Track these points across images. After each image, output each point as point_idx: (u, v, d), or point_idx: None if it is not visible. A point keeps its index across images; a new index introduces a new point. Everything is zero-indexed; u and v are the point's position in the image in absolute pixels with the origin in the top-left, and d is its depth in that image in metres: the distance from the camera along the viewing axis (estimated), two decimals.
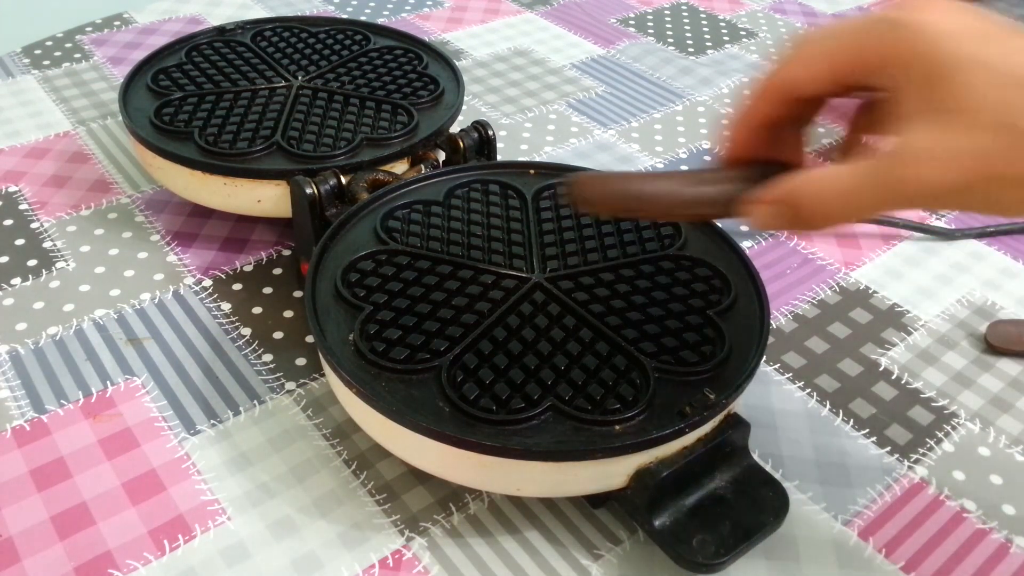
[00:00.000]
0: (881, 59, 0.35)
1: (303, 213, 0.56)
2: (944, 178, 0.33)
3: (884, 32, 0.35)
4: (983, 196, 0.34)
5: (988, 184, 0.33)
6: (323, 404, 0.53)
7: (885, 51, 0.35)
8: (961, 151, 0.33)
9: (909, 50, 0.34)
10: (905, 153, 0.34)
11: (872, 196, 0.35)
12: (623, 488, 0.44)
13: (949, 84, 0.33)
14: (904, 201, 0.35)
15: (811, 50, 0.38)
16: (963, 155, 0.33)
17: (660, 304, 0.50)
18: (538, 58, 0.92)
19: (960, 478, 0.50)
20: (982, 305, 0.63)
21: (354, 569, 0.44)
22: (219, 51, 0.72)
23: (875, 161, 0.35)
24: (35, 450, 0.49)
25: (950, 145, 0.33)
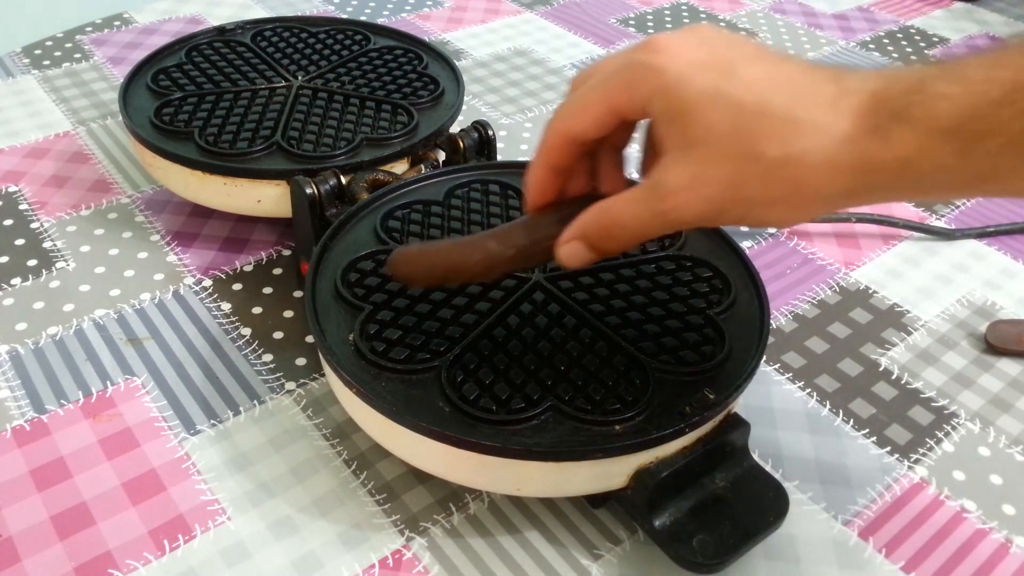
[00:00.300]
0: (641, 99, 0.37)
1: (303, 213, 0.56)
2: (697, 206, 0.36)
3: (634, 74, 0.37)
4: (740, 217, 0.37)
5: (742, 207, 0.36)
6: (323, 404, 0.53)
7: (639, 92, 0.37)
8: (709, 181, 0.35)
9: (656, 90, 0.36)
10: (661, 186, 0.37)
11: (645, 224, 0.38)
12: (623, 488, 0.44)
13: (692, 118, 0.35)
14: (672, 227, 0.38)
15: (580, 97, 0.40)
16: (711, 184, 0.35)
17: (660, 304, 0.50)
18: (538, 58, 0.92)
19: (960, 478, 0.50)
20: (982, 305, 0.63)
21: (354, 569, 0.44)
22: (219, 51, 0.72)
23: (641, 192, 0.38)
24: (35, 450, 0.49)
25: (699, 176, 0.35)
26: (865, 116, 0.33)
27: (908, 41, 1.00)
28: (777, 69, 0.35)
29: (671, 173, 0.36)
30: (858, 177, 0.33)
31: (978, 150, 0.31)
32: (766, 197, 0.35)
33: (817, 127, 0.34)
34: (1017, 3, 1.11)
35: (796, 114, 0.34)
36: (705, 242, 0.55)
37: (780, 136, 0.34)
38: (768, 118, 0.34)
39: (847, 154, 0.33)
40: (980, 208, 0.73)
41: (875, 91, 0.34)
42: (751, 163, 0.34)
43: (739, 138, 0.34)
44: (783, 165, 0.34)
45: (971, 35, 1.02)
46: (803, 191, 0.34)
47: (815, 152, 0.33)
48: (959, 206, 0.73)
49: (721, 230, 0.55)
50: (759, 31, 1.00)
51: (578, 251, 0.41)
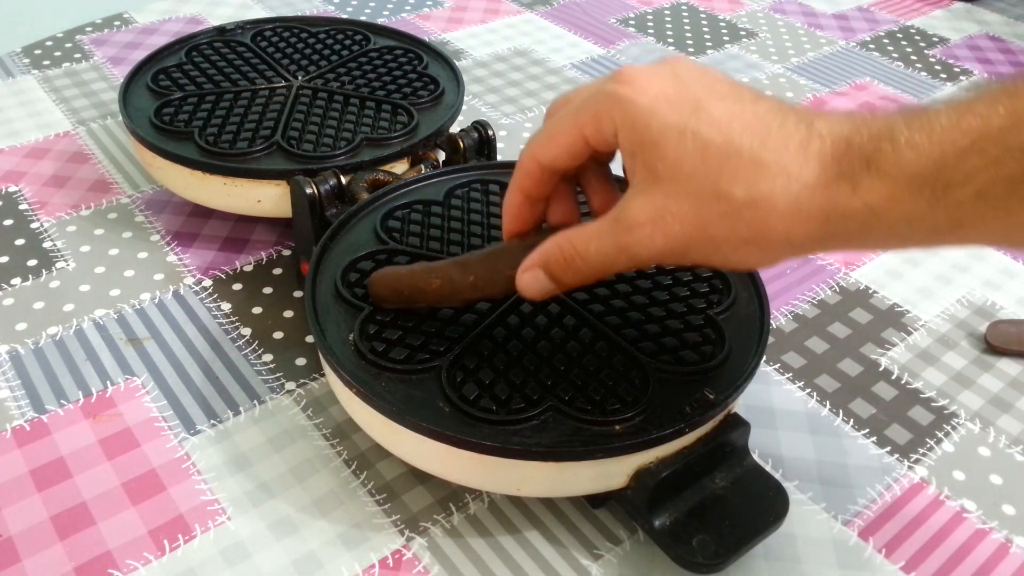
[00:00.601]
0: (608, 130, 0.37)
1: (303, 213, 0.56)
2: (660, 243, 0.35)
3: (602, 105, 0.37)
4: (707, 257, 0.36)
5: (708, 246, 0.35)
6: (323, 404, 0.53)
7: (607, 123, 0.37)
8: (674, 217, 0.35)
9: (623, 121, 0.36)
10: (624, 219, 0.36)
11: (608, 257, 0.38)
12: (623, 488, 0.43)
13: (658, 153, 0.35)
14: (635, 261, 0.37)
15: (552, 127, 0.40)
16: (676, 221, 0.35)
17: (660, 304, 0.50)
18: (538, 58, 0.92)
19: (960, 478, 0.50)
20: (982, 305, 0.63)
21: (354, 569, 0.44)
22: (219, 51, 0.72)
23: (605, 224, 0.37)
24: (35, 450, 0.49)
25: (664, 211, 0.35)
26: (833, 162, 0.33)
27: (908, 41, 1.00)
28: (747, 108, 0.35)
29: (635, 205, 0.36)
30: (825, 224, 0.33)
31: (947, 200, 0.31)
32: (732, 238, 0.34)
33: (784, 170, 0.33)
34: (1017, 3, 1.11)
35: (763, 156, 0.33)
36: None
37: (746, 177, 0.33)
38: (735, 158, 0.34)
39: (814, 200, 0.33)
40: None
41: (844, 136, 0.33)
42: (716, 203, 0.34)
43: (705, 176, 0.34)
44: (748, 207, 0.33)
45: (971, 35, 1.02)
46: (769, 235, 0.34)
47: (781, 196, 0.33)
48: None
49: None
50: (759, 31, 1.00)
51: (539, 280, 0.41)
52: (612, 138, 0.37)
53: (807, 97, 0.87)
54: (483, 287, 0.45)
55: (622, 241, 0.37)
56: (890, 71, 0.93)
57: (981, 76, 0.93)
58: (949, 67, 0.94)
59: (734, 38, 0.98)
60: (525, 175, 0.42)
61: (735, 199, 0.33)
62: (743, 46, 0.97)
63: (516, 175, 0.42)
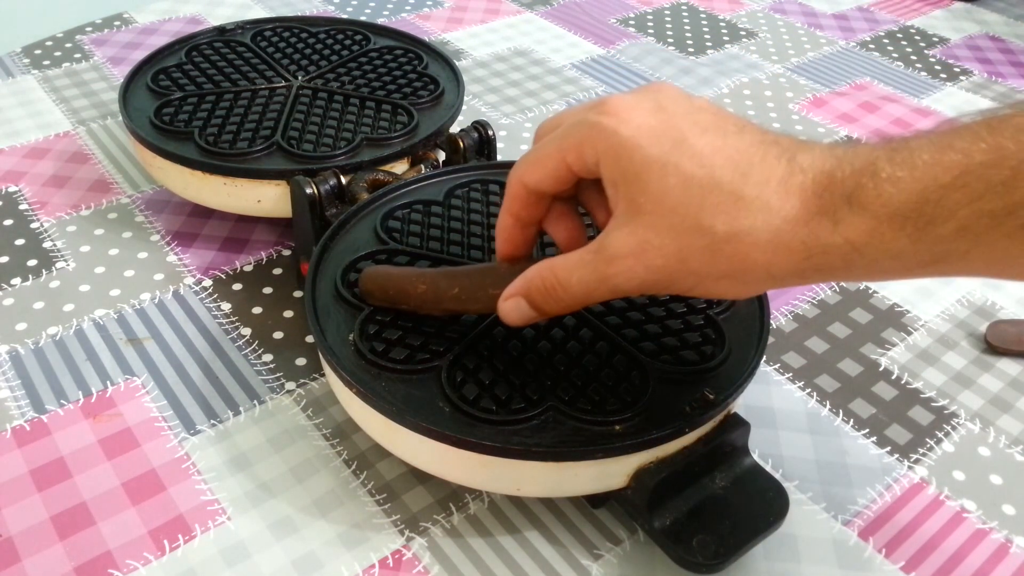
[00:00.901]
0: (591, 159, 0.37)
1: (303, 213, 0.56)
2: (642, 275, 0.36)
3: (585, 134, 0.37)
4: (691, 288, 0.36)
5: (691, 279, 0.35)
6: (323, 404, 0.53)
7: (589, 153, 0.37)
8: (656, 250, 0.35)
9: (605, 152, 0.36)
10: (606, 249, 0.36)
11: (589, 288, 0.38)
12: (623, 488, 0.43)
13: (643, 186, 0.35)
14: (616, 292, 0.37)
15: (538, 151, 0.40)
16: (658, 254, 0.35)
17: (660, 304, 0.50)
18: (538, 58, 0.92)
19: (960, 478, 0.50)
20: (982, 305, 0.63)
21: (354, 569, 0.44)
22: (219, 51, 0.72)
23: (587, 254, 0.37)
24: (35, 450, 0.49)
25: (646, 244, 0.35)
26: (814, 197, 0.33)
27: (908, 41, 1.00)
28: (729, 142, 0.35)
29: (617, 237, 0.36)
30: (807, 258, 0.33)
31: (929, 235, 0.31)
32: (714, 271, 0.35)
33: (765, 205, 0.33)
34: (1017, 3, 1.11)
35: (745, 191, 0.33)
36: None
37: (727, 211, 0.34)
38: (716, 193, 0.34)
39: (795, 235, 0.33)
40: None
41: (826, 171, 0.33)
42: (698, 236, 0.34)
43: (687, 210, 0.34)
44: (729, 241, 0.34)
45: (971, 35, 1.02)
46: (750, 268, 0.34)
47: (762, 231, 0.33)
48: None
49: None
50: (759, 31, 1.00)
51: (519, 308, 0.41)
52: (594, 167, 0.37)
53: (807, 97, 0.87)
54: (466, 300, 0.45)
55: (603, 272, 0.37)
56: (890, 71, 0.93)
57: (981, 76, 0.93)
58: (949, 67, 0.94)
59: (734, 38, 0.98)
60: (513, 198, 0.42)
61: (716, 233, 0.34)
62: (743, 46, 0.97)
63: (506, 198, 0.42)
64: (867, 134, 0.81)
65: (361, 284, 0.49)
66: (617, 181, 0.36)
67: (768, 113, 0.84)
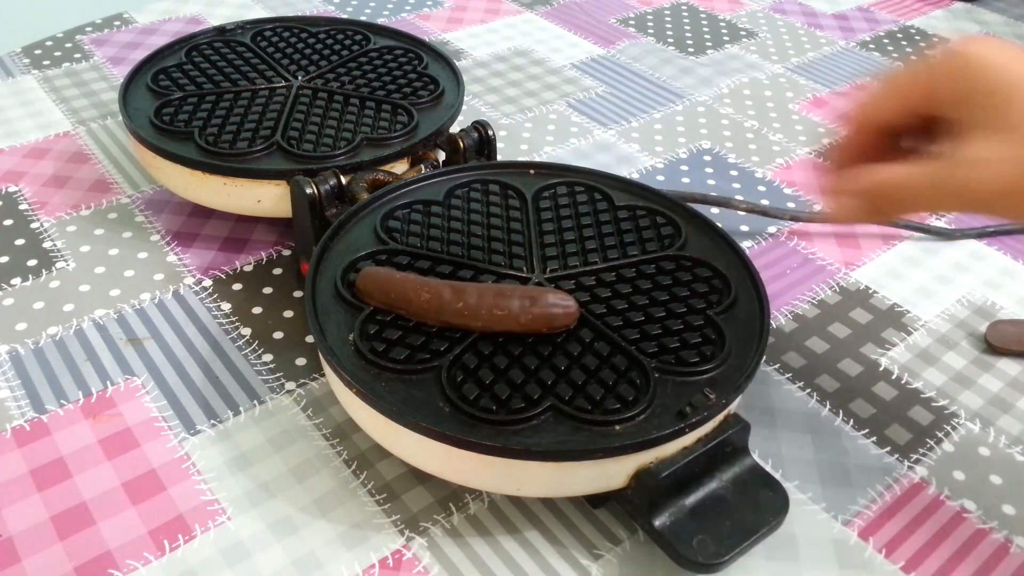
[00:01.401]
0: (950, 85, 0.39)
1: (303, 213, 0.56)
2: (996, 182, 0.37)
3: (952, 62, 0.39)
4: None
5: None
6: (323, 404, 0.53)
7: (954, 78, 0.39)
8: (1015, 160, 0.36)
9: (975, 75, 0.38)
10: (965, 159, 0.38)
11: (936, 193, 0.39)
12: (623, 488, 0.44)
13: (1008, 104, 0.36)
14: (960, 201, 0.39)
15: (893, 86, 0.42)
16: (1009, 165, 0.36)
17: (660, 304, 0.50)
18: (538, 58, 0.92)
19: (960, 478, 0.50)
20: (982, 305, 0.63)
21: (354, 569, 0.44)
22: (219, 51, 0.72)
23: (940, 163, 0.39)
24: (35, 450, 0.49)
25: (1005, 155, 0.36)
26: None
27: (908, 41, 1.00)
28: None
29: (978, 147, 0.37)
30: None
31: None
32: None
33: None
34: (1017, 3, 1.11)
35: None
36: (705, 242, 0.55)
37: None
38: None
39: None
40: None
41: None
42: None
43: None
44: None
45: (971, 35, 1.02)
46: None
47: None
48: None
49: (721, 230, 0.55)
50: (759, 31, 1.00)
51: (856, 205, 0.42)
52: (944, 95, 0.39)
53: (807, 97, 0.87)
54: (468, 316, 0.46)
55: (961, 175, 0.38)
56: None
57: None
58: None
59: (734, 38, 0.98)
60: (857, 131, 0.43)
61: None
62: (743, 46, 0.97)
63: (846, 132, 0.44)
64: None
65: (360, 283, 0.49)
66: (975, 97, 0.37)
67: (768, 113, 0.84)
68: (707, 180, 0.74)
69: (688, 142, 0.79)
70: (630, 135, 0.80)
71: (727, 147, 0.79)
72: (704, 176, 0.75)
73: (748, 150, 0.78)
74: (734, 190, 0.73)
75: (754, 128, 0.82)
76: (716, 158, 0.77)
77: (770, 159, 0.77)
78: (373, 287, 0.48)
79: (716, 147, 0.79)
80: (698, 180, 0.74)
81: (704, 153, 0.78)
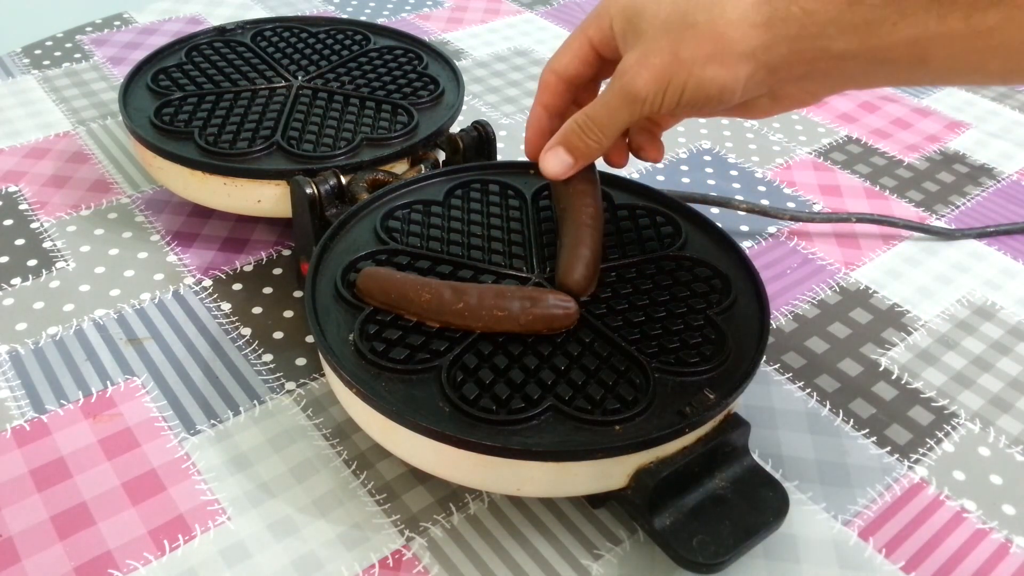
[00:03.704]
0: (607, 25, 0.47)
1: (303, 213, 0.56)
2: (645, 75, 0.43)
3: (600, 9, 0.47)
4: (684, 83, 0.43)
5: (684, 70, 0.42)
6: (323, 404, 0.53)
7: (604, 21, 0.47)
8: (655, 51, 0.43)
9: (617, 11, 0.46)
10: (623, 69, 0.45)
11: (611, 108, 0.46)
12: (623, 488, 0.43)
13: (642, 18, 0.44)
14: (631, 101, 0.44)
15: (565, 42, 0.50)
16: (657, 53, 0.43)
17: (660, 304, 0.50)
18: (538, 58, 0.92)
19: (960, 478, 0.50)
20: (982, 305, 0.63)
21: (354, 569, 0.44)
22: (219, 51, 0.72)
23: (611, 83, 0.46)
24: (35, 450, 0.49)
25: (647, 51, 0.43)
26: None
27: None
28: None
29: (626, 59, 0.44)
30: (769, 29, 0.40)
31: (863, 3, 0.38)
32: (699, 55, 0.42)
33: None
34: None
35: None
36: (705, 242, 0.55)
37: (707, 7, 0.42)
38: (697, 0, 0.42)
39: (759, 11, 0.40)
40: (980, 208, 0.73)
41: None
42: (685, 29, 0.42)
43: (677, 17, 0.42)
44: (708, 24, 0.41)
45: None
46: (727, 45, 0.41)
47: (732, 11, 0.41)
48: (959, 206, 0.73)
49: (721, 230, 0.55)
50: None
51: (558, 156, 0.49)
52: (609, 31, 0.46)
53: None
54: (468, 317, 0.46)
55: (616, 87, 0.44)
56: None
57: None
58: None
59: None
60: (543, 88, 0.50)
61: (699, 23, 0.42)
62: None
63: (537, 92, 0.51)
64: (867, 134, 0.81)
65: (360, 283, 0.49)
66: (626, 27, 0.45)
67: None
68: (707, 180, 0.74)
69: (688, 142, 0.79)
70: None
71: (727, 147, 0.79)
72: (704, 176, 0.75)
73: (748, 150, 0.78)
74: (734, 190, 0.73)
75: (754, 128, 0.82)
76: (716, 158, 0.77)
77: (770, 159, 0.77)
78: (373, 287, 0.48)
79: (716, 147, 0.79)
80: (698, 180, 0.74)
81: (704, 153, 0.78)
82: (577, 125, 0.47)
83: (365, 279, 0.49)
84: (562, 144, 0.49)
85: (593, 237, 0.50)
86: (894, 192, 0.74)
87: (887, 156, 0.79)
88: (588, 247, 0.50)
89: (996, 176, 0.77)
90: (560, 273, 0.49)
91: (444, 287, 0.47)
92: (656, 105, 0.44)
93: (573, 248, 0.50)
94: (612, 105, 0.45)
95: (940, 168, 0.78)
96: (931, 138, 0.82)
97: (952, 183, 0.76)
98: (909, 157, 0.79)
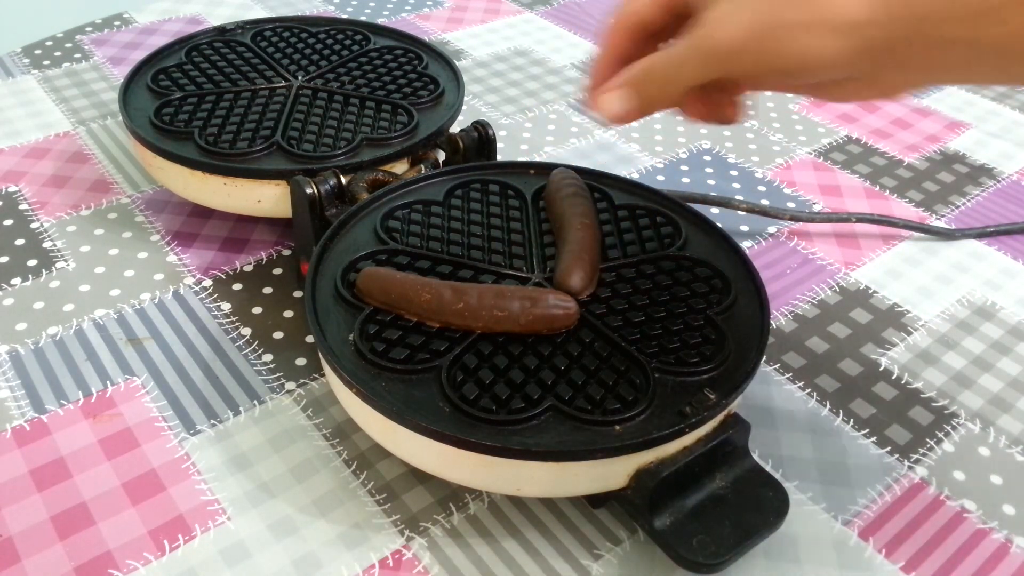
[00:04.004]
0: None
1: (303, 213, 0.56)
2: (734, 34, 0.39)
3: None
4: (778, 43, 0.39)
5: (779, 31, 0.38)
6: (323, 404, 0.53)
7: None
8: (743, 10, 0.39)
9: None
10: (708, 19, 0.40)
11: (693, 62, 0.41)
12: (623, 488, 0.43)
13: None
14: (715, 61, 0.41)
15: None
16: (747, 9, 0.39)
17: (660, 304, 0.50)
18: (538, 58, 0.92)
19: (960, 478, 0.50)
20: (982, 305, 0.63)
21: (354, 569, 0.44)
22: (219, 51, 0.72)
23: (690, 33, 0.41)
24: (35, 450, 0.49)
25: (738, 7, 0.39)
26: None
27: None
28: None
29: (712, 11, 0.40)
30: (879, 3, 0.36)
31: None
32: (801, 19, 0.37)
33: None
34: None
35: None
36: (705, 242, 0.55)
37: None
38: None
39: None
40: (980, 208, 0.73)
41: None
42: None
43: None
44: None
45: None
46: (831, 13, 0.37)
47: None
48: (959, 206, 0.73)
49: (721, 230, 0.55)
50: None
51: (622, 96, 0.43)
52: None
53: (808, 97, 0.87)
54: (468, 317, 0.46)
55: (697, 36, 0.40)
56: None
57: None
58: None
59: None
60: (618, 36, 0.45)
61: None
62: None
63: (607, 39, 0.45)
64: (867, 134, 0.81)
65: (361, 283, 0.49)
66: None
67: (768, 113, 0.84)
68: (707, 180, 0.74)
69: (688, 142, 0.79)
70: (630, 135, 0.80)
71: (727, 147, 0.79)
72: (704, 176, 0.75)
73: (748, 150, 0.78)
74: (734, 190, 0.73)
75: (754, 128, 0.82)
76: (716, 158, 0.77)
77: (770, 159, 0.77)
78: (373, 287, 0.48)
79: (716, 147, 0.79)
80: (698, 180, 0.74)
81: (704, 153, 0.78)
82: (642, 69, 0.43)
83: (365, 279, 0.49)
84: (632, 84, 0.43)
85: (591, 237, 0.50)
86: (894, 192, 0.74)
87: (887, 156, 0.79)
88: (587, 247, 0.50)
89: (996, 176, 0.77)
90: (559, 273, 0.49)
91: (444, 287, 0.47)
92: (737, 64, 0.40)
93: (572, 248, 0.50)
94: (683, 55, 0.41)
95: (940, 168, 0.78)
96: (931, 138, 0.82)
97: (952, 183, 0.76)
98: (909, 157, 0.79)
